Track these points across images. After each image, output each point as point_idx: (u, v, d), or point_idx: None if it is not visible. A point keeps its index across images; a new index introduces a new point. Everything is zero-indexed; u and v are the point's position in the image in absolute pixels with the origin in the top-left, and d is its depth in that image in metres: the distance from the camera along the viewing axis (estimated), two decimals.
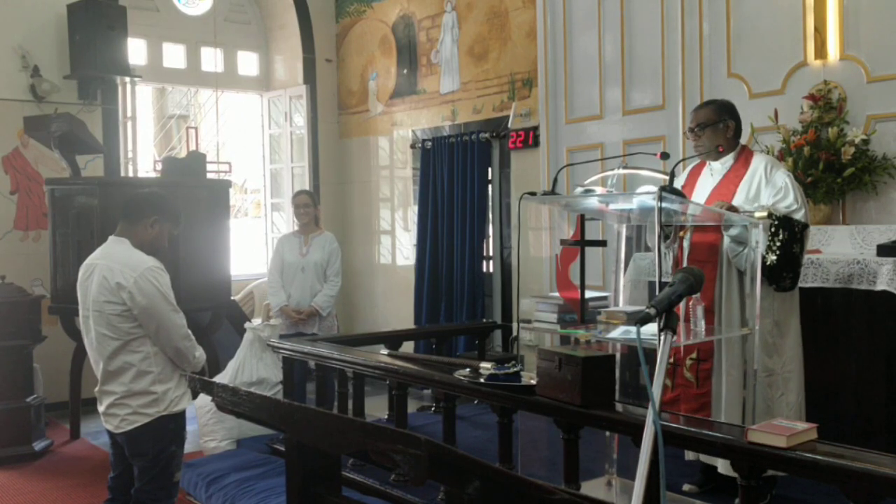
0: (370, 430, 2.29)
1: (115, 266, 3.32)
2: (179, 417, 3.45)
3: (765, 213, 3.59)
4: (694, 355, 3.78)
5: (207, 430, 5.45)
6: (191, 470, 4.91)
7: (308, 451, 2.84)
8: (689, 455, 3.90)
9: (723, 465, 3.63)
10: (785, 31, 4.98)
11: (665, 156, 3.90)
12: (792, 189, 3.70)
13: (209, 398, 3.21)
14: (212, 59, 8.30)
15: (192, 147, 7.44)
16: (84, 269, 3.43)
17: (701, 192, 3.92)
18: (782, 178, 3.74)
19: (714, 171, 3.95)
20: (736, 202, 3.70)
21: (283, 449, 4.32)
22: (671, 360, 3.72)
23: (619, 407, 3.18)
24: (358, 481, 4.28)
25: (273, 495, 4.32)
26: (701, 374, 3.77)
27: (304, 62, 8.41)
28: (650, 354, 3.20)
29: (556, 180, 4.11)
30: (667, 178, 3.67)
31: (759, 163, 3.83)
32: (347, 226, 8.51)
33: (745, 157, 3.88)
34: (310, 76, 8.43)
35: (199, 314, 6.14)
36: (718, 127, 3.85)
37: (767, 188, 3.74)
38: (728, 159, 3.90)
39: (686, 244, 3.87)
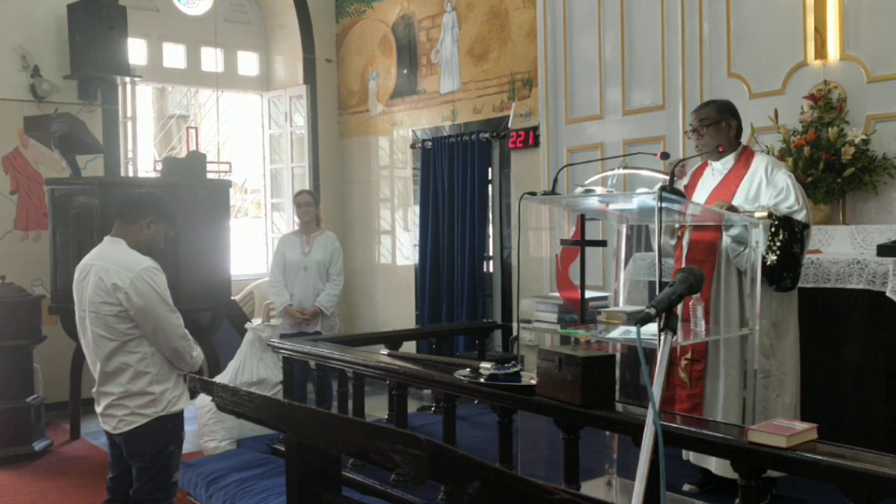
0: (370, 430, 2.29)
1: (111, 267, 3.31)
2: (177, 418, 3.44)
3: (765, 214, 3.59)
4: (688, 356, 3.78)
5: (207, 430, 5.45)
6: (191, 470, 4.91)
7: (308, 451, 2.84)
8: (691, 456, 3.90)
9: (717, 466, 3.64)
10: (785, 31, 4.98)
11: (665, 156, 3.90)
12: (793, 189, 3.70)
13: (209, 398, 3.21)
14: (212, 59, 8.30)
15: (193, 147, 7.44)
16: (80, 269, 3.42)
17: (702, 193, 3.93)
18: (783, 178, 3.74)
19: (715, 171, 3.95)
20: (736, 202, 3.70)
21: (283, 449, 4.32)
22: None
23: (619, 407, 3.18)
24: (358, 481, 4.28)
25: (273, 495, 4.32)
26: (694, 375, 3.77)
27: (304, 62, 8.41)
28: (650, 354, 3.20)
29: (556, 180, 4.11)
30: (667, 177, 3.67)
31: (759, 163, 3.83)
32: (347, 226, 8.51)
33: (745, 157, 3.89)
34: (310, 76, 8.43)
35: (199, 314, 6.14)
36: (721, 126, 3.85)
37: (768, 189, 3.73)
38: (729, 159, 3.90)
39: (685, 244, 3.88)
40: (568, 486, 3.29)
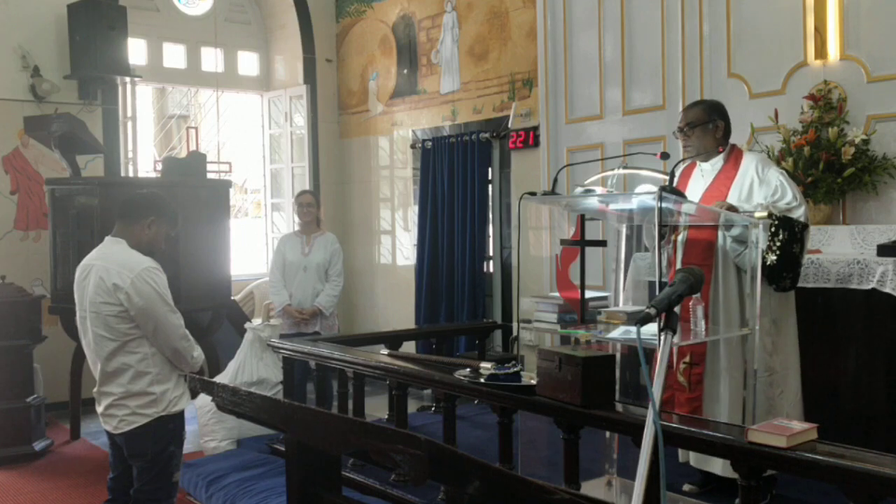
0: (370, 430, 2.29)
1: (112, 267, 3.31)
2: (178, 418, 3.45)
3: (765, 213, 3.59)
4: (687, 359, 3.78)
5: (207, 430, 5.45)
6: (191, 470, 4.91)
7: (308, 451, 2.84)
8: (682, 457, 3.89)
9: (721, 467, 3.63)
10: (785, 31, 4.98)
11: (665, 156, 3.90)
12: (788, 186, 3.70)
13: (209, 398, 3.21)
14: (212, 59, 8.30)
15: (193, 147, 7.44)
16: (81, 269, 3.42)
17: (692, 194, 3.91)
18: (776, 175, 3.74)
19: (704, 172, 3.94)
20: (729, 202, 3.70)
21: (283, 449, 4.32)
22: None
23: (619, 407, 3.18)
24: (358, 481, 4.28)
25: (273, 495, 4.33)
26: (693, 378, 3.76)
27: (304, 62, 8.41)
28: (650, 354, 3.20)
29: (556, 180, 4.11)
30: (667, 178, 3.67)
31: (749, 162, 3.82)
32: (347, 226, 8.51)
33: (734, 157, 3.87)
34: (310, 76, 8.44)
35: (199, 314, 6.14)
36: (708, 127, 3.84)
37: (762, 188, 3.73)
38: (718, 160, 3.89)
39: (680, 245, 3.87)
40: (568, 486, 3.29)
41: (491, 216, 7.13)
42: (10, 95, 6.81)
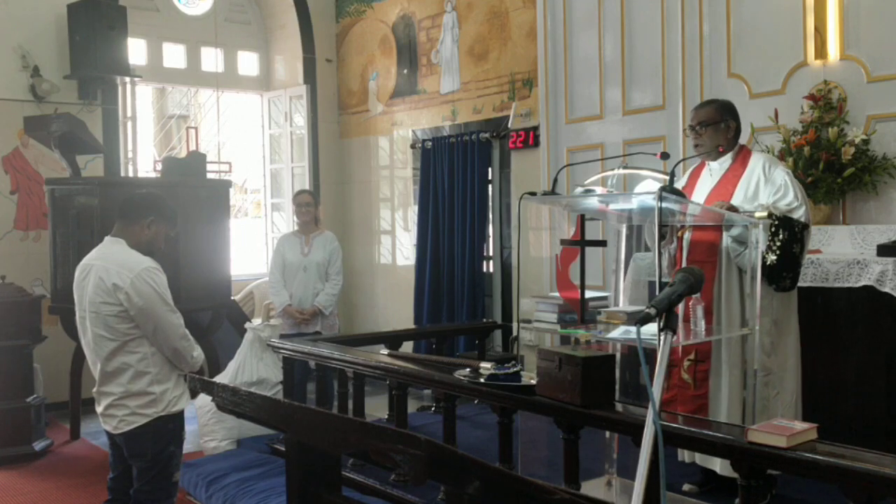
0: (370, 430, 2.29)
1: (112, 267, 3.31)
2: (178, 417, 3.45)
3: (765, 213, 3.59)
4: (692, 356, 3.78)
5: (207, 430, 5.45)
6: (191, 470, 4.91)
7: (308, 451, 2.84)
8: (686, 457, 3.89)
9: (721, 466, 3.64)
10: (785, 31, 4.98)
11: (665, 156, 3.90)
12: (791, 186, 3.70)
13: (209, 398, 3.21)
14: (212, 59, 8.30)
15: (193, 147, 7.44)
16: (80, 269, 3.42)
17: (700, 193, 3.93)
18: (781, 175, 3.75)
19: (713, 172, 3.95)
20: (735, 202, 3.70)
21: (283, 449, 4.32)
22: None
23: (619, 407, 3.18)
24: (358, 481, 4.28)
25: (273, 495, 4.33)
26: (698, 376, 3.77)
27: (304, 62, 8.42)
28: (650, 354, 3.20)
29: (556, 180, 4.11)
30: (667, 178, 3.67)
31: (756, 162, 3.83)
32: (347, 226, 8.51)
33: (742, 156, 3.89)
34: (310, 76, 8.44)
35: (199, 314, 6.14)
36: (720, 126, 3.85)
37: (767, 186, 3.74)
38: (726, 159, 3.90)
39: (685, 244, 3.87)
40: (568, 486, 3.29)
41: (491, 216, 7.13)
42: (10, 95, 6.81)
